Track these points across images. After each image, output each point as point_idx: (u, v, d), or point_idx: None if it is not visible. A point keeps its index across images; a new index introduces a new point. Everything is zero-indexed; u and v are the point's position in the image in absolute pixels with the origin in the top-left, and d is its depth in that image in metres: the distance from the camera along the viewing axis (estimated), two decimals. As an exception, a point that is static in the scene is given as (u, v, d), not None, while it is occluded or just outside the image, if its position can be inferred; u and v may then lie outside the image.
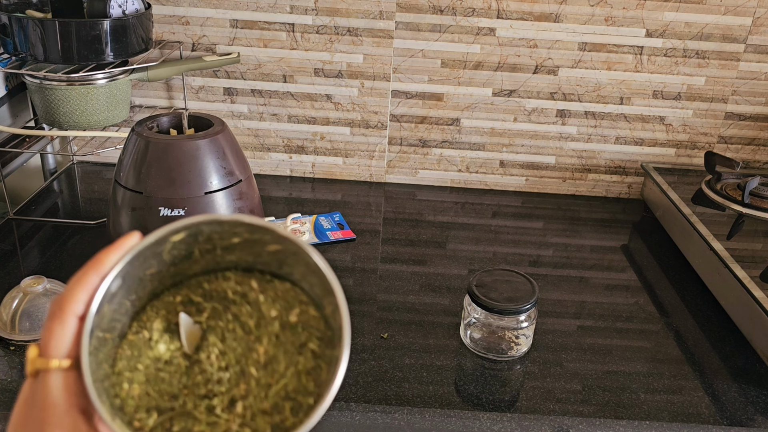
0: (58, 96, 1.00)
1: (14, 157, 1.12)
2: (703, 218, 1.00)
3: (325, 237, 1.04)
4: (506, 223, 1.14)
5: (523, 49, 1.14)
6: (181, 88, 1.18)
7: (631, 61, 1.14)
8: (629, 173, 1.23)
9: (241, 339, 0.43)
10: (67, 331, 0.38)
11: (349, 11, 1.12)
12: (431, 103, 1.18)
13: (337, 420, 0.71)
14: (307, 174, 1.25)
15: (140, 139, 0.79)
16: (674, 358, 0.83)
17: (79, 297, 0.38)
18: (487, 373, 0.78)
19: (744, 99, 1.17)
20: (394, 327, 0.85)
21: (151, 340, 0.43)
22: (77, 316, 0.38)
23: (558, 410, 0.73)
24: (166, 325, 0.43)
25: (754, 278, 0.84)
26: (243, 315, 0.44)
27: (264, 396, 0.41)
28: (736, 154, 1.21)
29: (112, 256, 0.40)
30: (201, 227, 0.41)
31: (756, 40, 1.13)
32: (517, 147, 1.21)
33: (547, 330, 0.86)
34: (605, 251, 1.06)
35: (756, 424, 0.73)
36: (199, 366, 0.42)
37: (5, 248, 0.96)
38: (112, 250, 0.40)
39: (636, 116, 1.18)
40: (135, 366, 0.41)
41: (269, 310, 0.44)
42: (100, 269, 0.39)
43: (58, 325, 0.38)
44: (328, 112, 1.19)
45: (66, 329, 0.38)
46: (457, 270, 0.98)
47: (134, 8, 1.02)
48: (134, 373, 0.41)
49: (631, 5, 1.10)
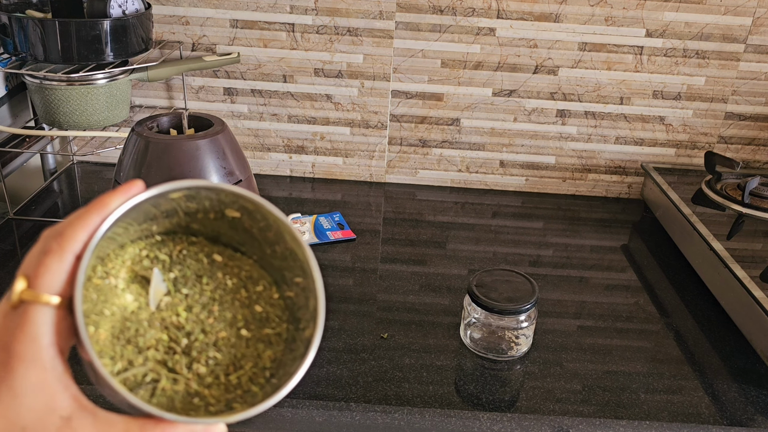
0: (58, 96, 1.00)
1: (14, 157, 1.12)
2: (703, 218, 1.00)
3: (325, 237, 1.04)
4: (506, 223, 1.14)
5: (523, 49, 1.14)
6: (181, 88, 1.18)
7: (631, 61, 1.14)
8: (629, 173, 1.23)
9: (205, 305, 0.44)
10: (63, 268, 0.37)
11: (349, 11, 1.12)
12: (431, 103, 1.18)
13: (337, 420, 0.71)
14: (307, 174, 1.25)
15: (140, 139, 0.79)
16: (674, 358, 0.83)
17: (79, 236, 0.37)
18: (487, 373, 0.78)
19: (744, 99, 1.17)
20: (394, 327, 0.85)
21: (117, 288, 0.42)
22: (75, 255, 0.37)
23: (558, 410, 0.73)
24: (132, 276, 0.43)
25: (754, 278, 0.84)
26: (210, 283, 0.45)
27: (225, 366, 0.42)
28: (736, 154, 1.21)
29: (116, 199, 0.39)
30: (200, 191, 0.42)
31: (756, 40, 1.13)
32: (517, 147, 1.21)
33: (547, 330, 0.86)
34: (605, 251, 1.06)
35: (756, 424, 0.73)
36: (162, 323, 0.42)
37: (5, 248, 0.96)
38: (117, 194, 0.39)
39: (636, 116, 1.19)
40: (101, 311, 0.41)
41: (231, 281, 0.45)
42: (102, 211, 0.38)
43: (56, 261, 0.37)
44: (328, 112, 1.19)
45: (63, 266, 0.37)
46: (457, 270, 0.98)
47: (134, 8, 1.02)
48: (100, 317, 0.41)
49: (631, 5, 1.10)
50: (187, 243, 0.46)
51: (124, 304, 0.42)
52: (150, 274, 0.43)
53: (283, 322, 0.45)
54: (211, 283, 0.45)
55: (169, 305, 0.43)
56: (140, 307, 0.43)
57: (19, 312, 0.36)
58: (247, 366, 0.43)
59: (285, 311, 0.45)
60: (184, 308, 0.43)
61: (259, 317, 0.45)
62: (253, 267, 0.46)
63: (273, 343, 0.44)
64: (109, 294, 0.42)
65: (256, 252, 0.46)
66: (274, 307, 0.45)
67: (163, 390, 0.40)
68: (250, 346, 0.43)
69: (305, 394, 0.72)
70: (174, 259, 0.45)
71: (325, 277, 0.41)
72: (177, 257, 0.45)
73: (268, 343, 0.44)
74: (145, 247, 0.45)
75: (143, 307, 0.43)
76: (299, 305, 0.44)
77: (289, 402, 0.72)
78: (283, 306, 0.45)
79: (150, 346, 0.41)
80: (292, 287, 0.45)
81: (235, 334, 0.44)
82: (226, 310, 0.44)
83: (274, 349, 0.44)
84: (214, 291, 0.45)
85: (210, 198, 0.43)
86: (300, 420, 0.71)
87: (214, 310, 0.44)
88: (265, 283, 0.46)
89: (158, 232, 0.45)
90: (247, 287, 0.45)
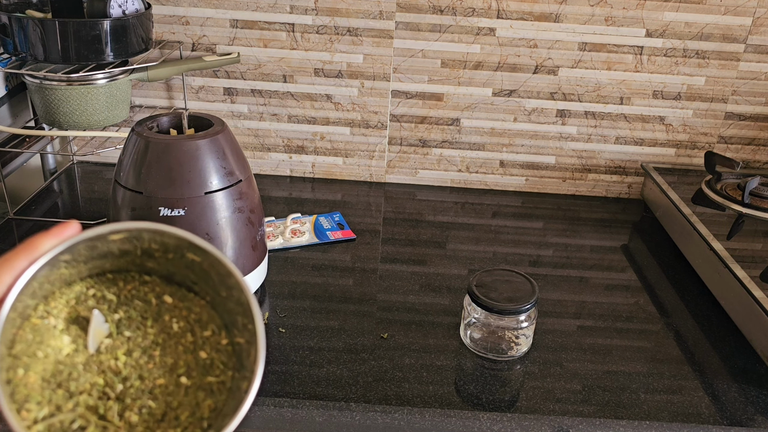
0: (58, 96, 1.00)
1: (14, 157, 1.12)
2: (703, 218, 1.00)
3: (325, 237, 1.04)
4: (506, 223, 1.14)
5: (523, 49, 1.14)
6: (181, 88, 1.18)
7: (631, 61, 1.14)
8: (629, 173, 1.23)
9: (146, 349, 0.42)
10: None
11: (349, 11, 1.12)
12: (431, 103, 1.18)
13: (337, 420, 0.71)
14: (307, 174, 1.25)
15: (140, 139, 0.79)
16: (674, 358, 0.83)
17: (4, 279, 0.36)
18: (487, 373, 0.78)
19: (744, 99, 1.17)
20: (394, 327, 0.85)
21: (56, 329, 0.41)
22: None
23: (558, 410, 0.73)
24: (75, 316, 0.42)
25: (754, 278, 0.84)
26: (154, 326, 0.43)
27: (158, 415, 0.41)
28: (736, 154, 1.21)
29: (47, 243, 0.38)
30: (142, 233, 0.41)
31: (756, 40, 1.13)
32: (517, 147, 1.21)
33: (547, 330, 0.86)
34: (605, 251, 1.06)
35: (756, 424, 0.73)
36: (99, 366, 0.41)
37: (5, 248, 0.96)
38: (49, 236, 0.38)
39: (636, 116, 1.19)
40: (34, 352, 0.39)
41: (178, 325, 0.44)
42: (31, 254, 0.37)
43: None
44: (328, 112, 1.19)
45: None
46: (457, 270, 0.98)
47: (134, 8, 1.02)
48: (32, 359, 0.39)
49: (631, 5, 1.10)
50: (138, 282, 0.45)
51: (60, 346, 0.41)
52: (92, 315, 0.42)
53: (228, 369, 0.43)
54: (155, 326, 0.43)
55: (110, 348, 0.42)
56: (77, 349, 0.41)
57: None
58: (183, 416, 0.41)
59: (232, 358, 0.43)
60: (124, 352, 0.42)
61: (202, 364, 0.43)
62: (204, 309, 0.45)
63: (215, 392, 0.42)
64: (46, 335, 0.40)
65: (210, 293, 0.44)
66: (220, 353, 0.43)
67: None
68: (189, 395, 0.42)
69: (305, 394, 0.72)
70: (121, 299, 0.44)
71: (325, 277, 0.41)
72: (125, 297, 0.44)
73: (209, 391, 0.42)
74: (93, 285, 0.43)
75: (80, 349, 0.41)
76: (248, 352, 0.42)
77: (289, 402, 0.72)
78: (231, 352, 0.44)
79: (83, 390, 0.40)
80: (244, 333, 0.43)
81: (174, 382, 0.42)
82: (167, 356, 0.43)
83: (216, 398, 0.42)
84: (158, 335, 0.43)
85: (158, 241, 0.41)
86: (300, 420, 0.71)
87: (155, 355, 0.42)
88: (214, 327, 0.44)
89: (110, 270, 0.44)
90: (194, 331, 0.44)
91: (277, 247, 1.00)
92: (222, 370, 0.43)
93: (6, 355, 0.38)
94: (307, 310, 0.86)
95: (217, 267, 0.42)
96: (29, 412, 0.38)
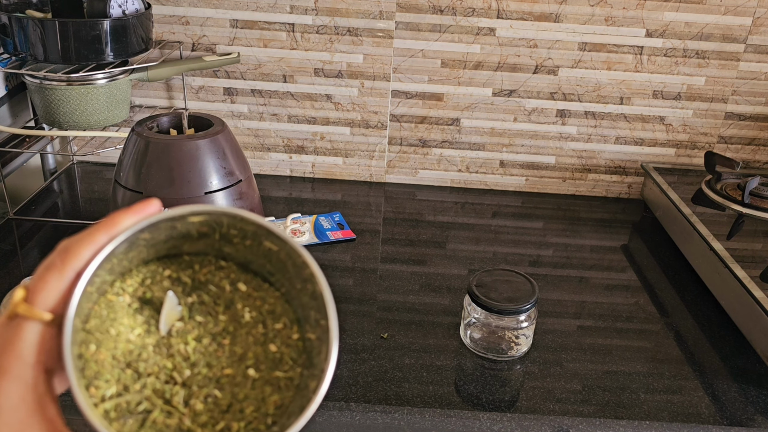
0: (58, 96, 1.00)
1: (14, 157, 1.12)
2: (703, 218, 1.00)
3: (325, 237, 1.04)
4: (506, 223, 1.14)
5: (523, 49, 1.14)
6: (181, 88, 1.18)
7: (631, 61, 1.14)
8: (629, 173, 1.23)
9: (216, 336, 0.41)
10: (61, 284, 0.36)
11: (349, 11, 1.12)
12: (431, 103, 1.18)
13: (337, 420, 0.71)
14: (307, 174, 1.25)
15: (140, 139, 0.79)
16: (674, 358, 0.83)
17: (83, 253, 0.36)
18: (487, 373, 0.78)
19: (744, 99, 1.17)
20: (394, 327, 0.85)
21: (131, 307, 0.40)
22: (76, 272, 0.36)
23: (558, 410, 0.73)
24: (149, 297, 0.41)
25: (754, 278, 0.84)
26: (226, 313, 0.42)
27: (223, 406, 0.40)
28: (736, 154, 1.21)
29: (127, 220, 0.38)
30: (222, 218, 0.40)
31: (756, 40, 1.13)
32: (517, 147, 1.21)
33: (547, 330, 0.86)
34: (605, 251, 1.06)
35: (756, 424, 0.73)
36: (168, 350, 0.40)
37: (5, 248, 0.96)
38: (129, 213, 0.38)
39: (636, 116, 1.19)
40: (107, 329, 0.39)
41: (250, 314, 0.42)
42: (111, 230, 0.37)
43: (56, 276, 0.36)
44: (328, 112, 1.19)
45: (62, 282, 0.36)
46: (457, 270, 0.98)
47: (134, 8, 1.02)
48: (104, 335, 0.39)
49: (631, 5, 1.10)
50: (214, 267, 0.43)
51: (132, 325, 0.40)
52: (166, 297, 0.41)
53: (297, 366, 0.42)
54: (227, 314, 0.42)
55: (181, 332, 0.41)
56: (149, 330, 0.40)
57: (13, 325, 0.35)
58: (248, 410, 0.40)
59: (302, 354, 0.42)
60: (194, 337, 0.41)
61: (272, 357, 0.41)
62: (278, 301, 0.43)
63: (282, 388, 0.41)
64: (120, 312, 0.40)
65: (286, 284, 0.43)
66: (290, 348, 0.42)
67: (153, 422, 0.38)
68: (256, 388, 0.40)
69: (305, 394, 0.72)
70: (196, 283, 0.43)
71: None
72: (199, 281, 0.43)
73: (276, 387, 0.41)
74: (169, 266, 0.43)
75: (152, 330, 0.40)
76: (319, 350, 0.40)
77: (289, 402, 0.72)
78: (301, 348, 0.42)
79: (151, 372, 0.39)
80: (316, 329, 0.41)
81: (242, 373, 0.41)
82: (237, 345, 0.41)
83: (282, 395, 0.40)
84: (229, 323, 0.42)
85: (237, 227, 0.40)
86: (300, 420, 0.71)
87: (224, 343, 0.41)
88: (286, 321, 0.43)
89: (188, 252, 0.43)
90: (266, 323, 0.42)
91: (277, 247, 1.00)
92: (291, 366, 0.41)
93: (80, 329, 0.38)
94: (307, 310, 0.86)
95: (293, 257, 0.41)
96: (98, 389, 0.37)
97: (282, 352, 0.42)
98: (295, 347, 0.42)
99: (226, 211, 0.39)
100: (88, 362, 0.38)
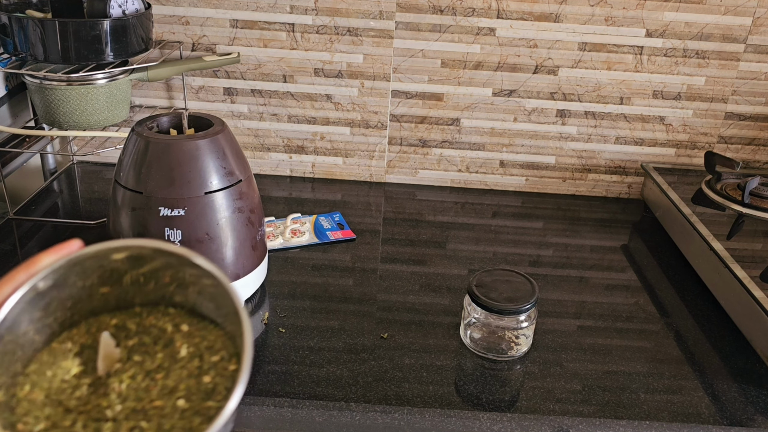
0: (58, 96, 1.00)
1: (14, 157, 1.12)
2: (703, 218, 1.00)
3: (325, 237, 1.04)
4: (506, 223, 1.14)
5: (523, 49, 1.14)
6: (181, 88, 1.18)
7: (631, 61, 1.14)
8: (629, 173, 1.23)
9: (150, 372, 0.43)
10: None
11: (349, 11, 1.12)
12: (431, 103, 1.18)
13: (337, 420, 0.71)
14: (307, 174, 1.25)
15: (140, 139, 0.79)
16: (674, 358, 0.83)
17: (4, 290, 0.39)
18: (487, 373, 0.78)
19: (744, 99, 1.17)
20: (394, 327, 0.85)
21: (70, 351, 0.43)
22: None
23: (558, 410, 0.73)
24: (92, 342, 0.44)
25: (754, 278, 0.84)
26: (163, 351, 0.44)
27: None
28: (736, 154, 1.21)
29: (47, 258, 0.40)
30: (143, 251, 0.42)
31: (756, 40, 1.13)
32: (517, 147, 1.21)
33: (547, 330, 0.86)
34: (605, 251, 1.06)
35: (756, 424, 0.73)
36: (104, 389, 0.42)
37: (5, 248, 0.96)
38: (49, 253, 0.41)
39: (636, 116, 1.19)
40: (44, 372, 0.42)
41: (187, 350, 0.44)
42: (30, 269, 0.40)
43: None
44: (328, 112, 1.19)
45: None
46: (457, 270, 0.98)
47: (134, 8, 1.02)
48: (40, 377, 0.42)
49: (631, 5, 1.10)
50: (161, 314, 0.46)
51: (69, 367, 0.43)
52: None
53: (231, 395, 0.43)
54: (163, 352, 0.44)
55: (119, 371, 0.43)
56: (86, 371, 0.43)
57: None
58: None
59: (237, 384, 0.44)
60: (129, 375, 0.43)
61: (204, 389, 0.43)
62: (220, 338, 0.45)
63: (213, 417, 0.41)
64: (60, 357, 0.43)
65: (228, 324, 0.45)
66: (224, 379, 0.43)
67: None
68: (185, 418, 0.41)
69: (305, 394, 0.72)
70: (140, 328, 0.45)
71: (325, 277, 0.41)
72: (144, 326, 0.46)
73: (206, 416, 0.41)
74: (117, 316, 0.46)
75: (89, 372, 0.43)
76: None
77: (289, 402, 0.72)
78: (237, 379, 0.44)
79: (83, 410, 0.41)
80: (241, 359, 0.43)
81: (171, 405, 0.42)
82: (170, 379, 0.43)
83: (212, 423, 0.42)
84: (165, 359, 0.44)
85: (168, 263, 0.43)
86: (300, 420, 0.71)
87: (157, 378, 0.43)
88: (224, 354, 0.44)
89: (140, 303, 0.46)
90: (203, 356, 0.44)
91: (277, 247, 1.00)
92: (224, 396, 0.43)
93: (20, 372, 0.41)
94: (307, 310, 0.86)
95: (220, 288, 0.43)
96: (26, 425, 0.40)
97: (216, 383, 0.43)
98: (231, 378, 0.43)
99: (145, 245, 0.42)
100: (21, 401, 0.41)
